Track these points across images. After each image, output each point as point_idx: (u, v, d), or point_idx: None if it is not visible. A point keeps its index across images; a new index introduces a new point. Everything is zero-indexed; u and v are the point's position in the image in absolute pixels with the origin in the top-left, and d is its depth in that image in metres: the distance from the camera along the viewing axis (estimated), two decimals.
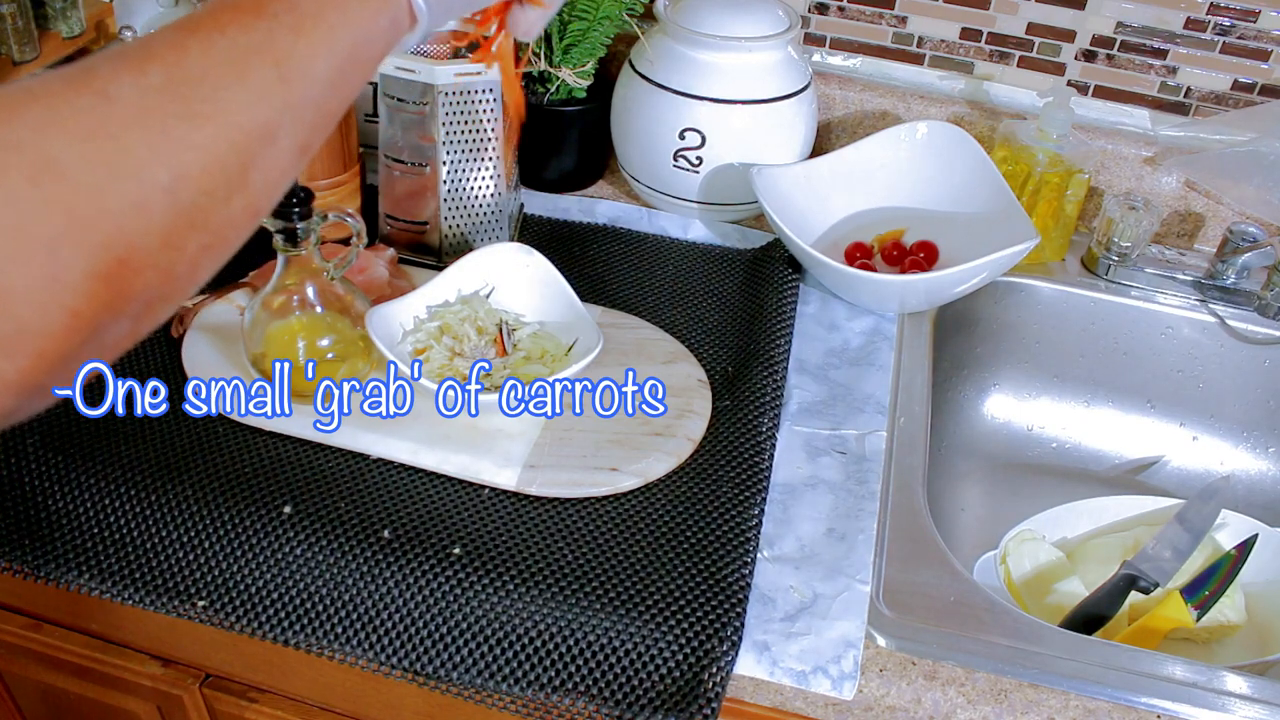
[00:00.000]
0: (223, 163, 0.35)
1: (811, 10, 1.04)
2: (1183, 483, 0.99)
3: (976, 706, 0.60)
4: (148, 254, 0.33)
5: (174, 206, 0.34)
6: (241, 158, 0.36)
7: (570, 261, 0.89)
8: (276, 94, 0.37)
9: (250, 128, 0.36)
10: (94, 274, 0.32)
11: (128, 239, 0.33)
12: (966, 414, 1.01)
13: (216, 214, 0.36)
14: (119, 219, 0.32)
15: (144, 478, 0.68)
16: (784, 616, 0.64)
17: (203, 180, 0.34)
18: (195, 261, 0.36)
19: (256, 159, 0.36)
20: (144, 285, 0.34)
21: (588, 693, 0.61)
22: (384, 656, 0.63)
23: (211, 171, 0.35)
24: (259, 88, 0.36)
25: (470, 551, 0.65)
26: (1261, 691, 0.62)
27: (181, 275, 0.36)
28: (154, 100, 0.33)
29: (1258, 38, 0.95)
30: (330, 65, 0.39)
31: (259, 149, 0.36)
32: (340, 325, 0.72)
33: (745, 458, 0.72)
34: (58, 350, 0.32)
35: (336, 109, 0.41)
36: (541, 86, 0.96)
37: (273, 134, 0.37)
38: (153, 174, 0.33)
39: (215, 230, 0.36)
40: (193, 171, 0.34)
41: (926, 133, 0.93)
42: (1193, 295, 0.95)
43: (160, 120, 0.33)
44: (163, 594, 0.65)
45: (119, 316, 0.34)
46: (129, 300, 0.34)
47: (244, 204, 0.37)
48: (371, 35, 0.41)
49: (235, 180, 0.36)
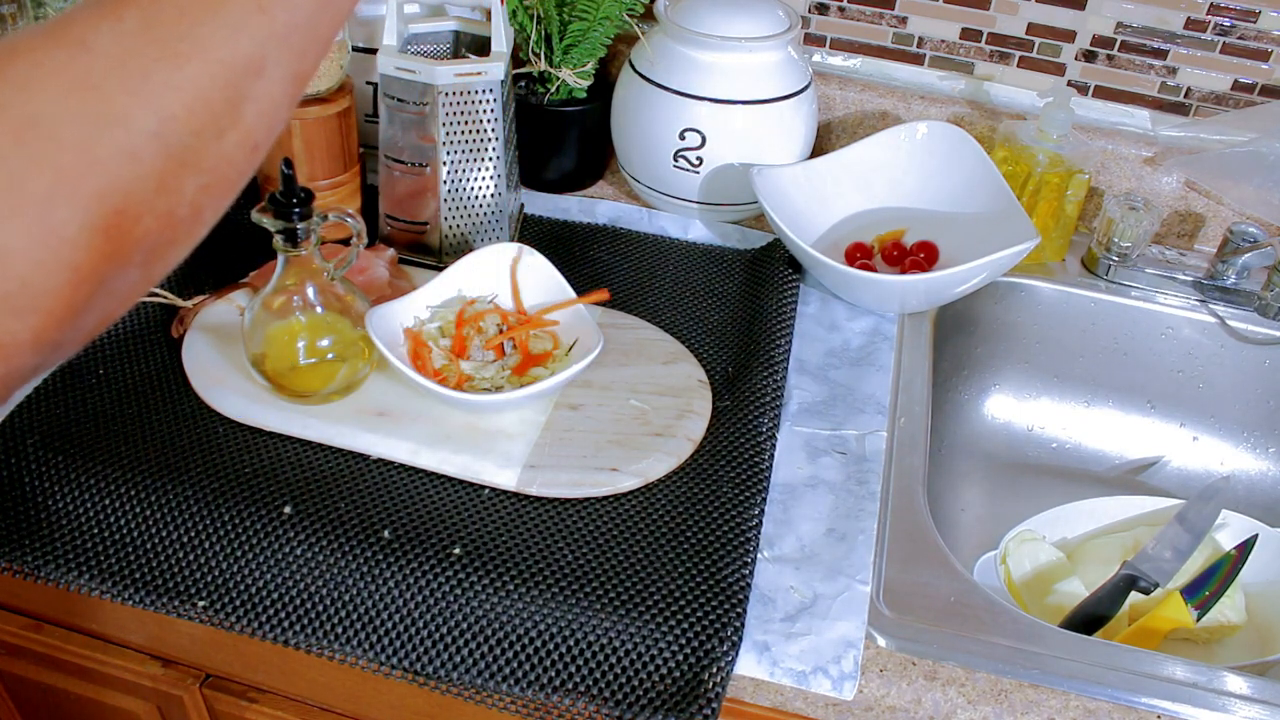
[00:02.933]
0: (208, 100, 0.34)
1: (811, 10, 1.04)
2: (1183, 483, 0.99)
3: (976, 707, 0.60)
4: (143, 201, 0.33)
5: (164, 150, 0.33)
6: (228, 93, 0.35)
7: (570, 261, 0.89)
8: (257, 24, 0.36)
9: (233, 61, 0.35)
10: (91, 227, 0.32)
11: (121, 188, 0.32)
12: (967, 414, 1.01)
13: (210, 152, 0.35)
14: (109, 169, 0.32)
15: (144, 478, 0.68)
16: (784, 617, 0.64)
17: (190, 120, 0.34)
18: (196, 203, 0.36)
19: (246, 93, 0.36)
20: (144, 232, 0.34)
21: (588, 693, 0.61)
22: (384, 656, 0.63)
23: (198, 110, 0.34)
24: (237, 19, 0.35)
25: (470, 551, 0.65)
26: (1261, 691, 0.62)
27: (184, 218, 0.35)
28: (132, 45, 0.33)
29: (1258, 38, 0.95)
30: None
31: (247, 82, 0.36)
32: (340, 326, 0.72)
33: (745, 458, 0.72)
34: (67, 305, 0.32)
35: (329, 29, 0.40)
36: (541, 86, 0.96)
37: (259, 66, 0.36)
38: (139, 120, 0.33)
39: (211, 169, 0.36)
40: (179, 113, 0.34)
41: (926, 133, 0.93)
42: (1193, 295, 0.95)
43: (140, 65, 0.33)
44: (163, 594, 0.65)
45: (125, 266, 0.34)
46: (131, 249, 0.34)
47: (238, 139, 0.36)
48: None
49: (225, 116, 0.35)
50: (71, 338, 0.33)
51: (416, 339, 0.75)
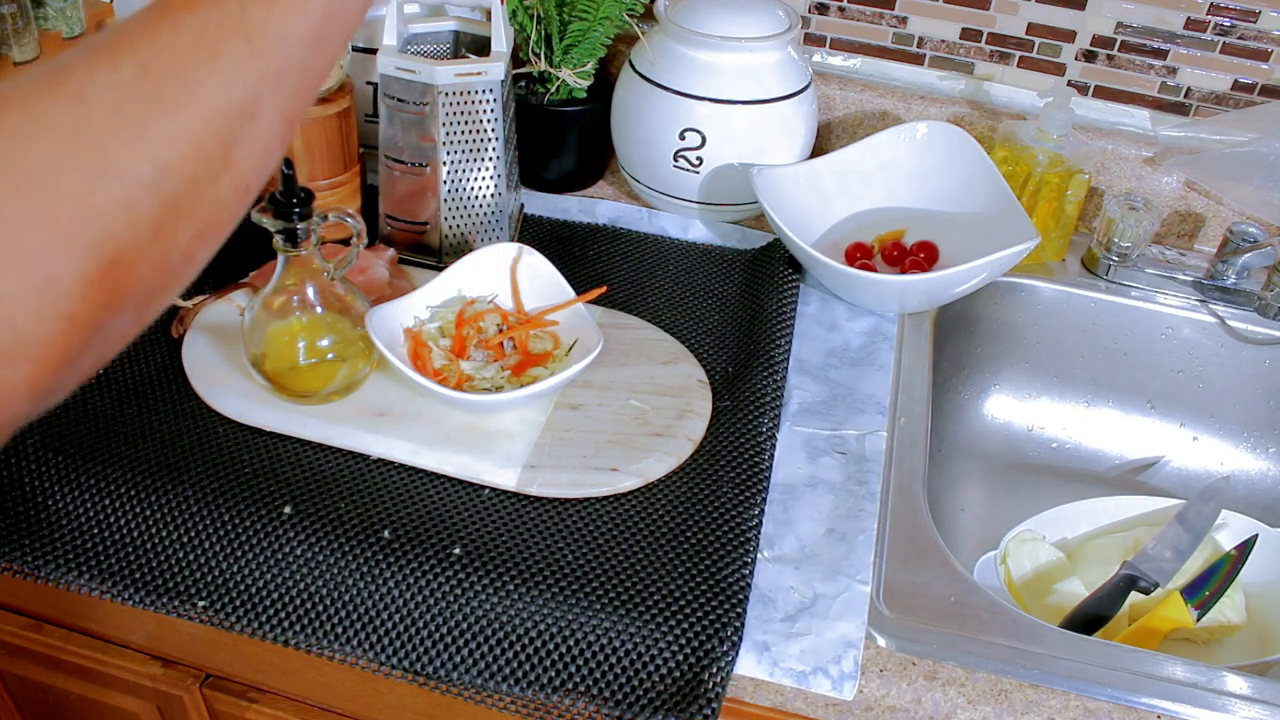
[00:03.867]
0: (203, 148, 0.35)
1: (811, 10, 1.04)
2: (1183, 483, 0.99)
3: (976, 707, 0.60)
4: (139, 250, 0.33)
5: (160, 199, 0.33)
6: (222, 139, 0.35)
7: (570, 261, 0.89)
8: (251, 69, 0.36)
9: (227, 108, 0.35)
10: (87, 277, 0.32)
11: (117, 239, 0.32)
12: (967, 414, 1.01)
13: (204, 199, 0.35)
14: (106, 220, 0.32)
15: (144, 478, 0.68)
16: (784, 617, 0.64)
17: (185, 168, 0.34)
18: (189, 249, 0.36)
19: (239, 138, 0.36)
20: (139, 280, 0.34)
21: (588, 693, 0.61)
22: (384, 656, 0.63)
23: (193, 158, 0.34)
24: (232, 65, 0.35)
25: (470, 551, 0.65)
26: (1261, 691, 0.62)
27: (176, 264, 0.35)
28: (128, 95, 0.33)
29: (1258, 38, 0.95)
30: (306, 29, 0.38)
31: (240, 127, 0.36)
32: (340, 326, 0.72)
33: (745, 458, 0.72)
34: (62, 354, 0.32)
35: (320, 70, 0.40)
36: (541, 86, 0.96)
37: (252, 110, 0.36)
38: (135, 170, 0.33)
39: (205, 215, 0.36)
40: (174, 161, 0.34)
41: (926, 133, 0.93)
42: (1193, 295, 0.95)
43: (136, 115, 0.33)
44: (163, 594, 0.65)
45: (118, 313, 0.34)
46: (126, 297, 0.34)
47: (232, 184, 0.36)
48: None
49: (219, 162, 0.35)
50: (65, 383, 0.33)
51: (416, 339, 0.75)
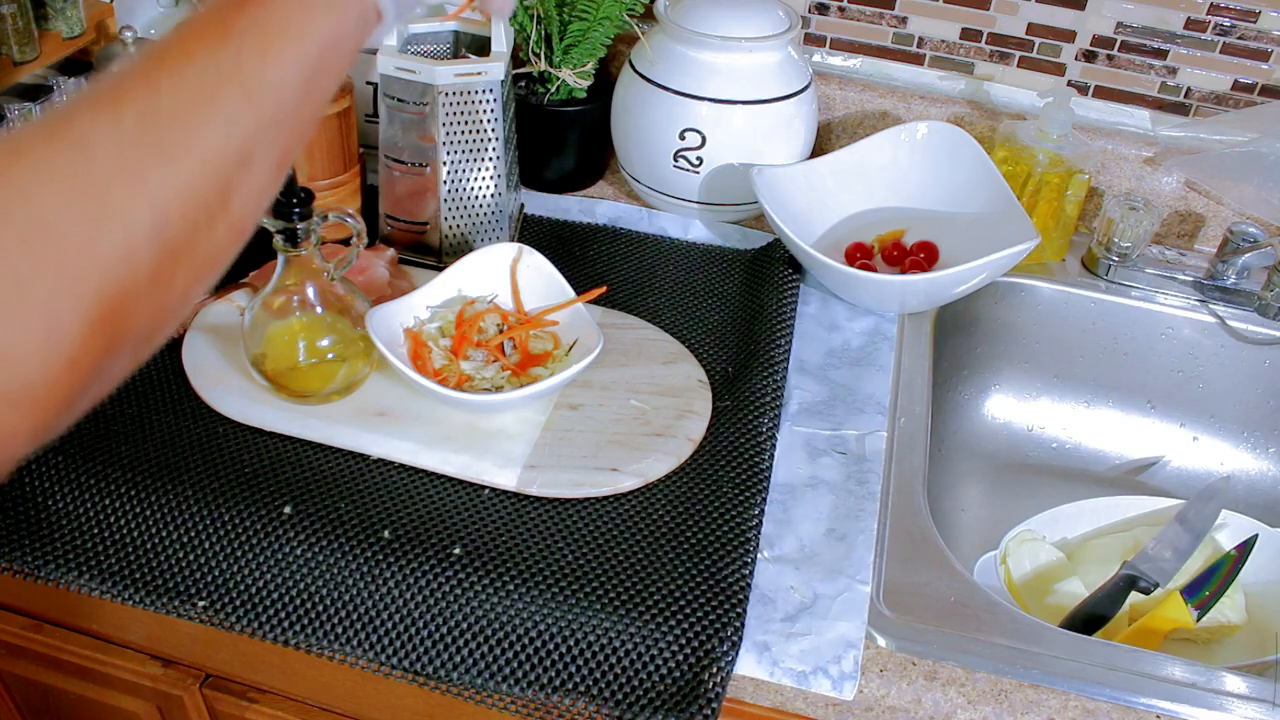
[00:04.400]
0: (201, 195, 0.36)
1: (811, 10, 1.04)
2: (1183, 483, 0.99)
3: (976, 707, 0.60)
4: (139, 294, 0.34)
5: (160, 246, 0.34)
6: (219, 186, 0.36)
7: (570, 261, 0.89)
8: (247, 117, 0.37)
9: (225, 156, 0.36)
10: (89, 323, 0.33)
11: (118, 285, 0.33)
12: (967, 414, 1.01)
13: (201, 243, 0.36)
14: (108, 268, 0.33)
15: (144, 478, 0.68)
16: (784, 617, 0.64)
17: (184, 215, 0.35)
18: (185, 291, 0.37)
19: (235, 184, 0.37)
20: (138, 323, 0.35)
21: (588, 693, 0.61)
22: (384, 656, 0.63)
23: (192, 206, 0.35)
24: (229, 114, 0.36)
25: (470, 551, 0.65)
26: (1261, 691, 0.62)
27: (174, 306, 0.37)
28: (131, 145, 0.34)
29: (1258, 38, 0.95)
30: (300, 75, 0.39)
31: (236, 174, 0.37)
32: (340, 326, 0.72)
33: (745, 458, 0.72)
34: (63, 397, 0.33)
35: (311, 116, 0.41)
36: (542, 86, 0.96)
37: (248, 157, 0.37)
38: (136, 219, 0.34)
39: (201, 258, 0.37)
40: (174, 209, 0.35)
41: (926, 133, 0.93)
42: (1193, 295, 0.95)
43: (138, 165, 0.34)
44: (163, 594, 0.65)
45: (118, 355, 0.35)
46: (125, 339, 0.35)
47: (226, 228, 0.37)
48: (340, 36, 0.41)
49: (216, 208, 0.36)
50: (64, 423, 0.34)
51: (416, 339, 0.75)
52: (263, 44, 0.38)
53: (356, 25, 0.43)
